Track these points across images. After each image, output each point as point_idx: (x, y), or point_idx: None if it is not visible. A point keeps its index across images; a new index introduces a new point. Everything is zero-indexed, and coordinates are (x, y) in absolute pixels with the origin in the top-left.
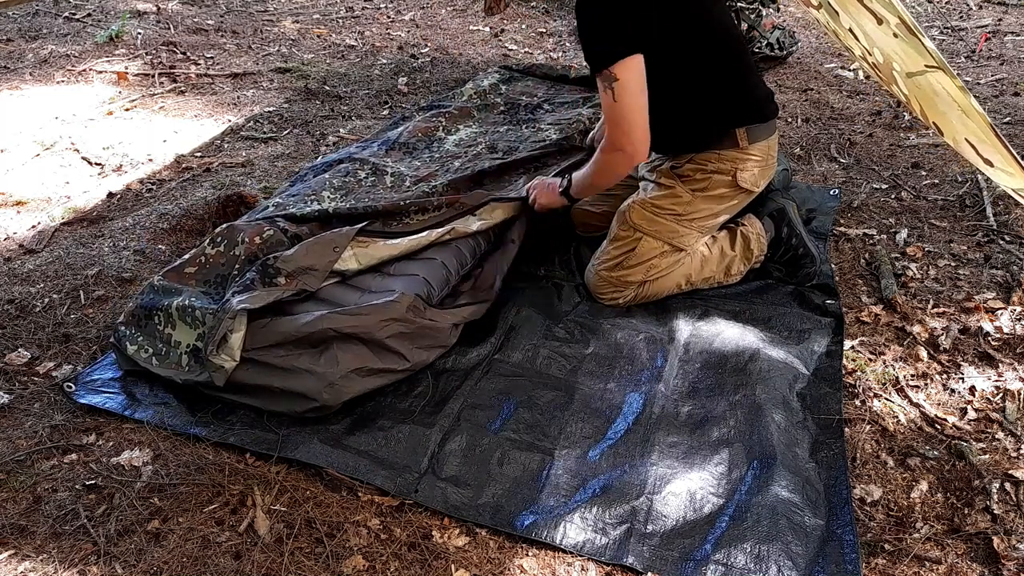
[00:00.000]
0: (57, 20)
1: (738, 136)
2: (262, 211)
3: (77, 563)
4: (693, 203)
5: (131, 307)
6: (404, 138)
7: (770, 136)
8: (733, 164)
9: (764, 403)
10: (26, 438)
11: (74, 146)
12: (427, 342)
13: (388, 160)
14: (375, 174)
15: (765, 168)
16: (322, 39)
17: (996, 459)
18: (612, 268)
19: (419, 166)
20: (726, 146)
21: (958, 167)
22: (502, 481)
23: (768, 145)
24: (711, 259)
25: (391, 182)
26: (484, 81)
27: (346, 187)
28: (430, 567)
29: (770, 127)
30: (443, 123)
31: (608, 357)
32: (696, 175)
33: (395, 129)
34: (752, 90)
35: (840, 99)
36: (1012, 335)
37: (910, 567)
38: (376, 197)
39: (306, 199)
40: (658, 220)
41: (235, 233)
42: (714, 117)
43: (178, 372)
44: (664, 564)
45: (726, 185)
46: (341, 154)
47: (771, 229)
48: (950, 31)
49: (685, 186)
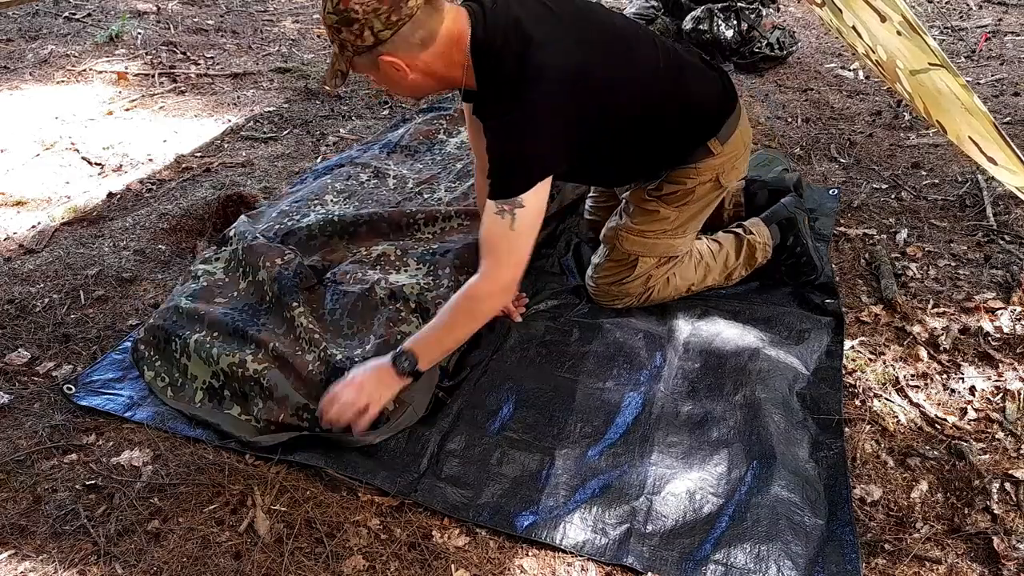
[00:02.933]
0: (57, 20)
1: (710, 147)
2: (266, 222)
3: (77, 563)
4: (680, 216)
5: (152, 323)
6: (405, 141)
7: (739, 124)
8: (712, 172)
9: (764, 403)
10: (26, 438)
11: (74, 146)
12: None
13: (390, 163)
14: (377, 177)
15: (743, 154)
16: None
17: (996, 459)
18: (612, 283)
19: (421, 168)
20: (700, 159)
21: (958, 167)
22: (502, 481)
23: (740, 133)
24: (714, 268)
25: (394, 184)
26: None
27: (349, 190)
28: (430, 567)
29: (735, 116)
30: (444, 125)
31: (607, 357)
32: (677, 192)
33: (395, 132)
34: (707, 102)
35: (840, 99)
36: (1012, 335)
37: (910, 567)
38: (380, 200)
39: (310, 204)
40: (650, 242)
41: (255, 257)
42: (679, 148)
43: (190, 407)
44: (664, 564)
45: (710, 189)
46: (342, 157)
47: (778, 237)
48: (950, 31)
49: (669, 206)
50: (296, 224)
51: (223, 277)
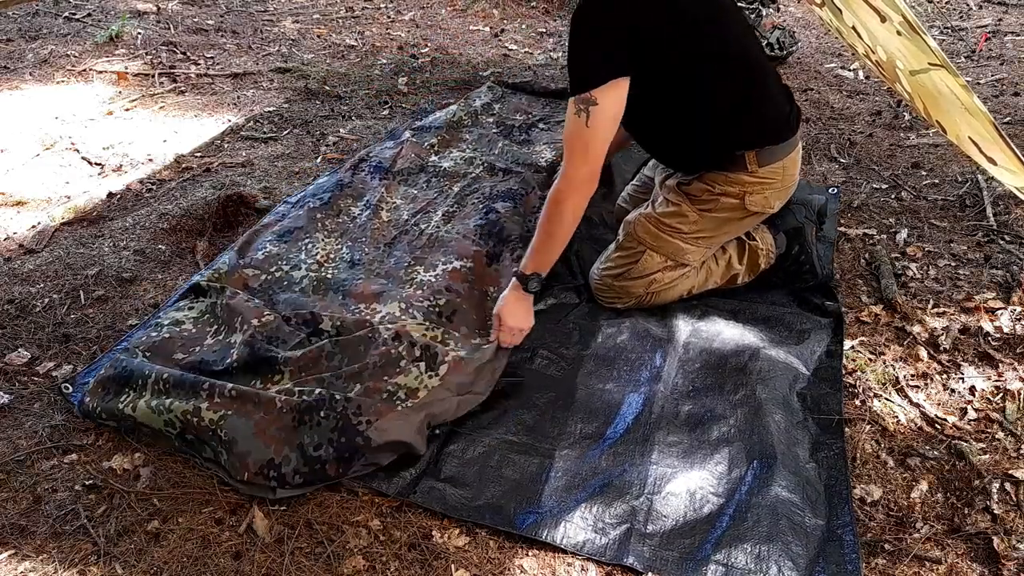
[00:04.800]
0: (57, 20)
1: (747, 160)
2: (254, 259)
3: (77, 563)
4: (699, 222)
5: (102, 375)
6: (398, 166)
7: (787, 156)
8: (741, 188)
9: (764, 403)
10: (26, 438)
11: (74, 146)
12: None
13: (382, 191)
14: (369, 209)
15: (780, 190)
16: (322, 39)
17: (996, 459)
18: (616, 277)
19: (415, 195)
20: (734, 169)
21: (958, 167)
22: (501, 482)
23: (783, 166)
24: (716, 272)
25: (387, 217)
26: (476, 101)
27: (340, 228)
28: (430, 567)
29: (787, 147)
30: (435, 144)
31: (607, 357)
32: (703, 195)
33: (385, 153)
34: (766, 112)
35: (840, 99)
36: (1012, 335)
37: (910, 567)
38: (375, 237)
39: (300, 244)
40: (662, 236)
41: (233, 318)
42: (720, 141)
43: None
44: (664, 564)
45: (733, 208)
46: (331, 182)
47: (783, 246)
48: (950, 31)
49: (692, 205)
50: (286, 275)
51: (190, 328)
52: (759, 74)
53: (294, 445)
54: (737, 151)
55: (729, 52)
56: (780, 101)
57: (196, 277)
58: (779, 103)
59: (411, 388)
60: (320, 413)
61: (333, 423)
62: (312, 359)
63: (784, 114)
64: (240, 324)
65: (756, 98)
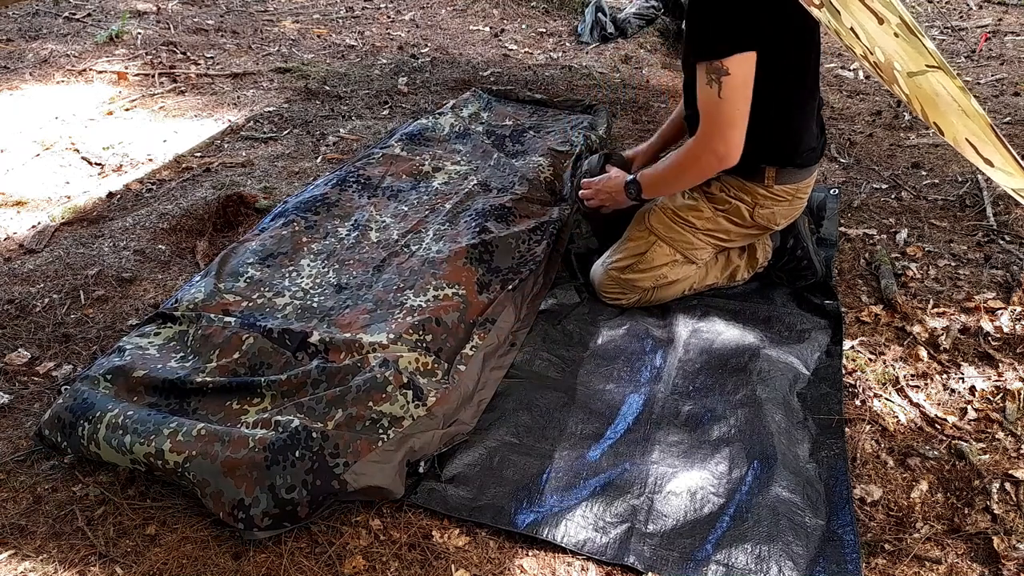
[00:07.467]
0: (57, 20)
1: (766, 174)
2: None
3: (77, 563)
4: (713, 220)
5: (60, 404)
6: (387, 182)
7: (803, 181)
8: (754, 199)
9: (764, 403)
10: (26, 438)
11: (74, 146)
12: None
13: (371, 209)
14: (357, 229)
15: (788, 208)
16: (322, 39)
17: (996, 459)
18: (623, 270)
19: (406, 212)
20: (752, 180)
21: (958, 167)
22: (502, 483)
23: (797, 188)
24: (716, 266)
25: (376, 238)
26: (464, 110)
27: (327, 250)
28: (430, 567)
29: (806, 173)
30: (428, 159)
31: (607, 358)
32: (720, 195)
33: (376, 168)
34: (802, 136)
35: (840, 99)
36: (1012, 335)
37: (910, 567)
38: (363, 259)
39: (284, 271)
40: (675, 228)
41: (208, 348)
42: (754, 149)
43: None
44: (665, 564)
45: (744, 215)
46: (317, 196)
47: (778, 239)
48: (950, 31)
49: (709, 203)
50: (269, 302)
51: (154, 353)
52: (811, 99)
53: (265, 486)
54: (761, 163)
55: (808, 68)
56: (816, 131)
57: (166, 304)
58: (814, 132)
59: (396, 416)
60: (295, 453)
61: (309, 464)
62: (297, 385)
63: (815, 143)
64: (217, 356)
65: (799, 119)
